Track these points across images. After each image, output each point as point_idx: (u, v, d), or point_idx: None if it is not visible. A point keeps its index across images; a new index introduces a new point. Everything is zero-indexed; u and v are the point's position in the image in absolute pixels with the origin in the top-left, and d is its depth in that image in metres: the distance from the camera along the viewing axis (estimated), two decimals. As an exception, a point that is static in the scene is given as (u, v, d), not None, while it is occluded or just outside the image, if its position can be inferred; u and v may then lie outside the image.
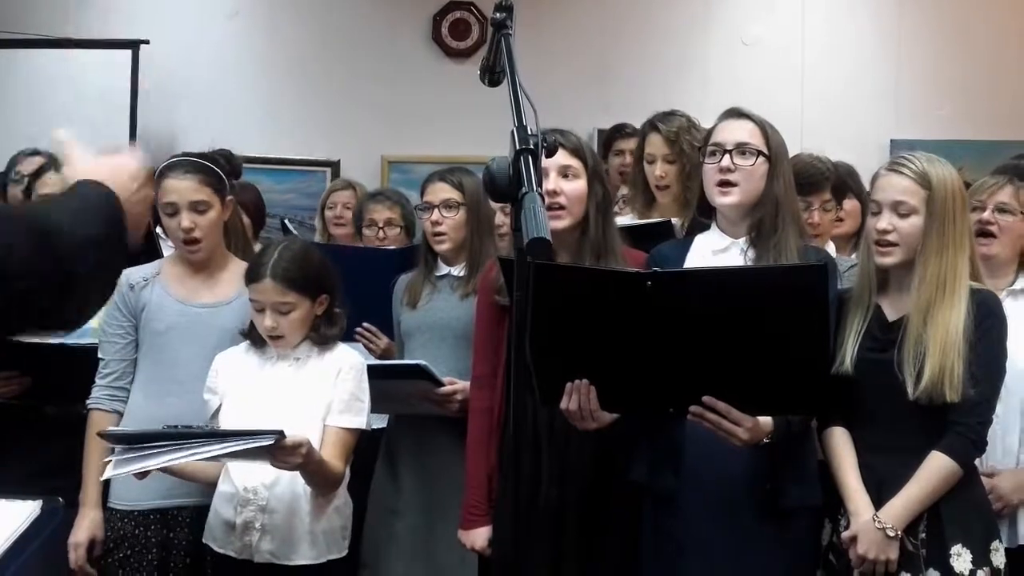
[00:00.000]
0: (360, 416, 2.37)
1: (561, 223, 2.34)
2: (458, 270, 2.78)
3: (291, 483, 2.31)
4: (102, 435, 2.33)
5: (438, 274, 2.81)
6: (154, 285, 2.59)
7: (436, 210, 2.76)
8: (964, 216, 2.22)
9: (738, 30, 5.60)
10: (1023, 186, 2.63)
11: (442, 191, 2.78)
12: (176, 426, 2.21)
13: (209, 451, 2.06)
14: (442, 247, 2.78)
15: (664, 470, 2.22)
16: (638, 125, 3.26)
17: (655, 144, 3.03)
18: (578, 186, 2.36)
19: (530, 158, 1.55)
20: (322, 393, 2.35)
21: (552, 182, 2.32)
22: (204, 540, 2.41)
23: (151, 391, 2.53)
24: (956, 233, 2.18)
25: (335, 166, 5.43)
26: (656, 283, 1.92)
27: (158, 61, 5.08)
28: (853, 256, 2.94)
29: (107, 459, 2.18)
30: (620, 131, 3.86)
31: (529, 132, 1.59)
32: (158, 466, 2.10)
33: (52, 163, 2.89)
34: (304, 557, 2.32)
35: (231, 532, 2.33)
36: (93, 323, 2.73)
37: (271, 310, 2.35)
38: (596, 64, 5.49)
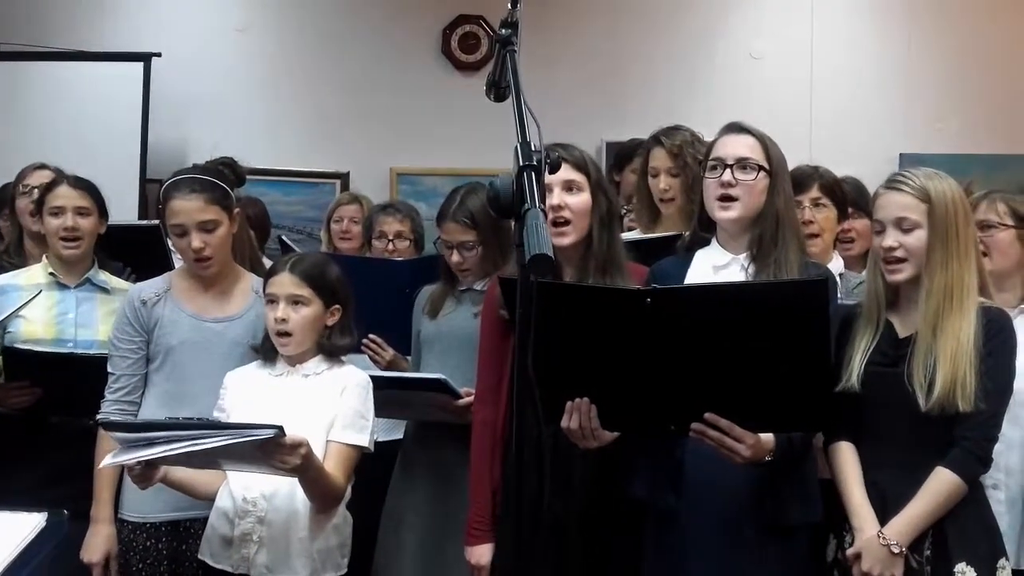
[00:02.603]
0: (363, 434, 2.36)
1: (566, 239, 2.34)
2: (481, 285, 2.79)
3: (290, 496, 2.30)
4: (104, 424, 2.35)
5: (461, 288, 2.84)
6: (166, 300, 2.60)
7: (455, 251, 2.77)
8: (967, 228, 2.21)
9: (747, 44, 5.60)
10: (996, 197, 2.65)
11: (455, 232, 2.76)
12: (178, 417, 2.24)
13: (207, 442, 2.05)
14: (467, 279, 2.82)
15: (665, 488, 2.21)
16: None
17: (659, 158, 3.03)
18: (582, 200, 2.36)
19: (533, 174, 1.56)
20: (326, 408, 2.35)
21: (556, 197, 2.32)
22: (200, 556, 2.40)
23: (164, 404, 2.53)
24: (960, 245, 2.17)
25: (344, 178, 5.45)
26: (655, 300, 1.91)
27: (169, 74, 5.12)
28: (863, 273, 2.93)
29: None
30: (637, 148, 3.71)
31: (532, 148, 1.60)
32: (157, 455, 2.10)
33: (62, 176, 2.91)
34: (299, 574, 2.31)
35: (228, 546, 2.33)
36: (100, 335, 2.75)
37: (284, 302, 2.36)
38: (604, 76, 5.50)
